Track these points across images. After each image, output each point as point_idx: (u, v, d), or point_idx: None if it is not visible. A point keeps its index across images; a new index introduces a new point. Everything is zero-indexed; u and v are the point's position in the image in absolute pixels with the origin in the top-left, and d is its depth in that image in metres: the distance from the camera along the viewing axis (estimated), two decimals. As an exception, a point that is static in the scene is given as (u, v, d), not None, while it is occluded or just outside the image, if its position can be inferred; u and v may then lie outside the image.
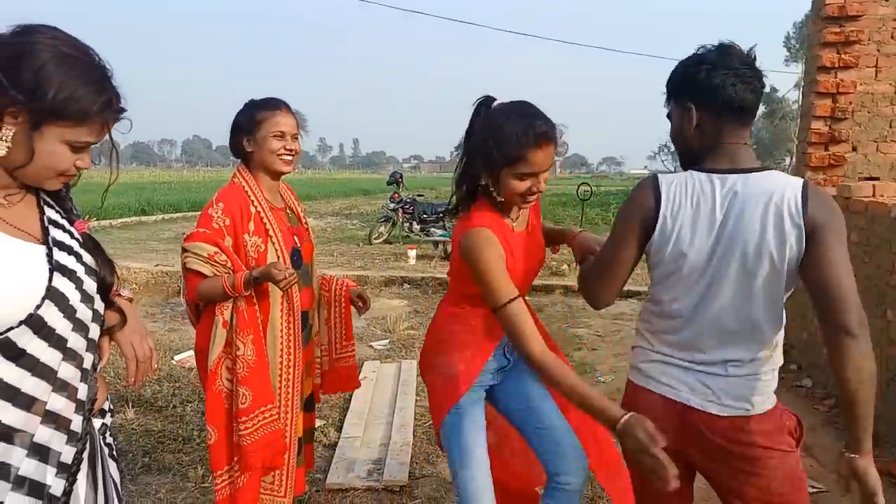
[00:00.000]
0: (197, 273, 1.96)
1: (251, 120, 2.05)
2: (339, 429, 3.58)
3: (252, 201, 2.03)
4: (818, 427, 3.58)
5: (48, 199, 1.20)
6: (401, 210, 11.77)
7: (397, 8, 16.63)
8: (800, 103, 5.17)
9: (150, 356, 1.37)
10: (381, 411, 3.84)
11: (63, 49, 1.06)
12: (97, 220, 13.86)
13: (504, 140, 1.61)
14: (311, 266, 2.25)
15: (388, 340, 5.43)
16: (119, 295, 1.34)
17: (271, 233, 2.03)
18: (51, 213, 1.19)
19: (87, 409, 1.20)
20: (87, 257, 1.20)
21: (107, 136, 1.15)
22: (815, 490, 2.89)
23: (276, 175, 2.11)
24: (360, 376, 4.45)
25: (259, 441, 1.99)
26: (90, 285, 1.18)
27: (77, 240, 1.20)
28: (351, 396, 4.08)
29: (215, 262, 1.95)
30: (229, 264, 1.96)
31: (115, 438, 1.46)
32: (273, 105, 2.07)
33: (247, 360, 1.98)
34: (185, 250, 1.98)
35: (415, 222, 11.57)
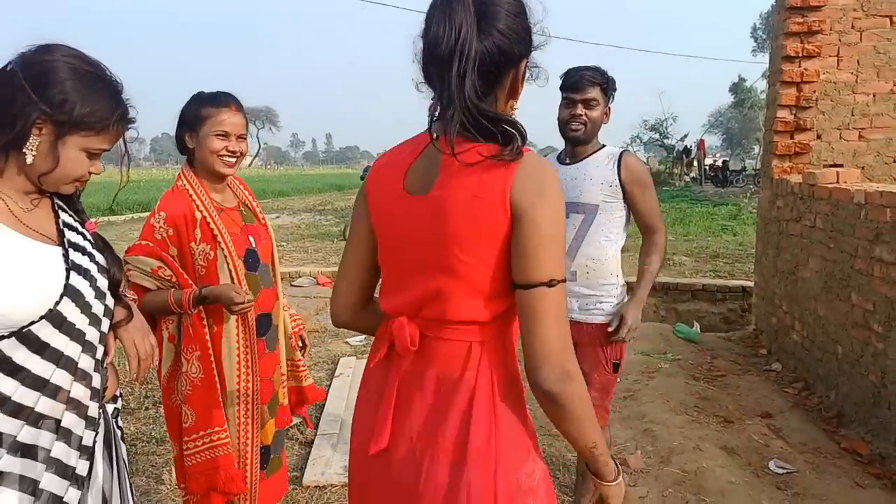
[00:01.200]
0: (140, 286, 1.88)
1: (196, 115, 1.92)
2: (316, 426, 3.56)
3: (197, 206, 1.91)
4: (787, 410, 3.67)
5: (61, 204, 1.32)
6: (375, 205, 11.71)
7: (375, 3, 16.50)
8: (767, 93, 5.28)
9: (152, 353, 1.43)
10: (358, 407, 3.82)
11: (83, 66, 1.20)
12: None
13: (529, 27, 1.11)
14: (272, 265, 2.13)
15: (363, 336, 5.41)
16: (124, 295, 1.43)
17: (219, 238, 1.91)
18: (64, 217, 1.30)
19: (100, 396, 1.31)
20: (99, 257, 1.31)
21: (118, 144, 1.29)
22: (785, 471, 2.97)
23: (217, 177, 1.99)
24: (336, 373, 4.44)
25: (203, 464, 1.90)
26: (102, 283, 1.28)
27: (89, 241, 1.32)
28: (327, 393, 4.06)
29: (159, 276, 1.86)
30: (174, 278, 1.87)
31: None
32: (220, 101, 1.93)
33: (191, 377, 1.89)
34: (126, 262, 1.86)
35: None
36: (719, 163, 26.15)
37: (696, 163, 25.91)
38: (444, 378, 1.11)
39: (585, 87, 2.27)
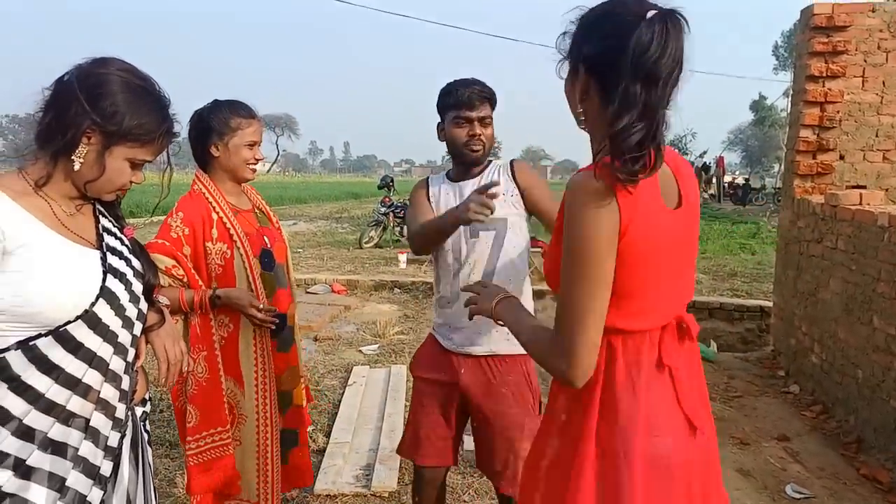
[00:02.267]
0: None
1: (226, 125, 1.99)
2: (328, 434, 3.56)
3: (213, 208, 1.98)
4: (804, 433, 3.61)
5: (102, 209, 1.38)
6: (391, 214, 11.77)
7: (386, 11, 16.67)
8: (788, 111, 5.23)
9: (182, 359, 1.47)
10: (370, 417, 3.83)
11: (135, 81, 1.26)
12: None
13: None
14: (287, 266, 2.19)
15: (377, 345, 5.41)
16: (157, 300, 1.48)
17: (236, 238, 1.98)
18: (104, 222, 1.36)
19: (129, 398, 1.34)
20: (136, 262, 1.37)
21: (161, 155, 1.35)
22: (802, 496, 2.91)
23: (241, 181, 2.09)
24: (350, 381, 4.45)
25: (205, 464, 1.92)
26: (137, 287, 1.34)
27: (127, 246, 1.37)
28: (340, 402, 4.07)
29: (172, 275, 1.90)
30: (186, 279, 1.92)
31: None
32: (248, 112, 2.03)
33: (197, 377, 1.91)
34: None
35: (405, 226, 11.57)
36: (740, 180, 25.93)
37: (714, 180, 25.72)
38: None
39: (477, 104, 2.03)
